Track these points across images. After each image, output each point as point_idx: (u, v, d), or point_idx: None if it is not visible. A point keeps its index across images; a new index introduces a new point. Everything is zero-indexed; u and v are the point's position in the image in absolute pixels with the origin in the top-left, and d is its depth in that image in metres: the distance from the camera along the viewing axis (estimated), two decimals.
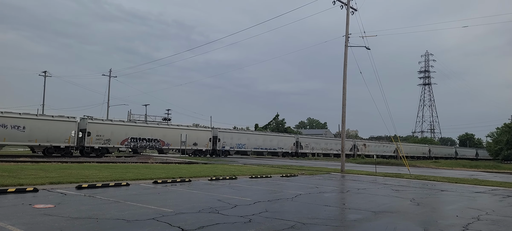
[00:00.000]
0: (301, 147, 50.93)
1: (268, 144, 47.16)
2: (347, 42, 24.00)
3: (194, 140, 38.82)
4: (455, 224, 7.16)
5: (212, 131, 41.53)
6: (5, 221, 5.89)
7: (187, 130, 38.98)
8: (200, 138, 39.44)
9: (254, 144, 45.57)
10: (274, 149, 47.43)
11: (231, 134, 43.72)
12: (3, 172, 12.91)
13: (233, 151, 42.80)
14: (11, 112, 28.92)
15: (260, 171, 19.51)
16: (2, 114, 28.05)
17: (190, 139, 38.13)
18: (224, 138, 41.88)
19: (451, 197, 11.74)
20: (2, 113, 28.30)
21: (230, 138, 42.63)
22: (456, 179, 18.89)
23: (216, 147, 40.82)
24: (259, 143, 46.17)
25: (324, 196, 10.86)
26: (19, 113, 29.05)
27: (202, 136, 39.82)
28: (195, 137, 39.05)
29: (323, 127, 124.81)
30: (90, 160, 24.89)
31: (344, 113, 24.30)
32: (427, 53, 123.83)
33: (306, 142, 52.45)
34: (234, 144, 43.10)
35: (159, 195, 9.61)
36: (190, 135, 38.29)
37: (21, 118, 28.63)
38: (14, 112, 29.08)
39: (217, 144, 40.93)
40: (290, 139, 50.54)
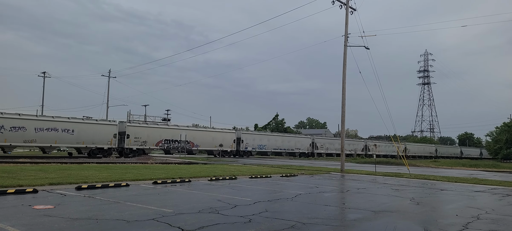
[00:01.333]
0: (316, 148, 53.45)
1: (287, 145, 49.65)
2: (346, 42, 24.01)
3: (220, 142, 41.65)
4: (455, 223, 7.17)
5: (236, 133, 44.80)
6: (4, 222, 5.88)
7: (214, 132, 42.52)
8: (225, 140, 42.36)
9: (274, 145, 48.25)
10: (291, 149, 49.91)
11: (253, 136, 46.69)
12: (3, 173, 12.90)
13: (254, 152, 45.46)
14: (61, 117, 31.65)
15: (260, 171, 19.51)
16: (53, 119, 30.64)
17: (217, 140, 41.40)
18: (247, 139, 44.79)
19: (450, 196, 11.75)
20: (53, 118, 30.96)
21: (252, 139, 45.55)
22: (455, 178, 18.91)
23: (240, 148, 43.64)
24: (278, 144, 48.79)
25: (324, 195, 10.87)
26: (68, 118, 31.85)
27: (227, 137, 42.74)
28: (221, 139, 41.94)
29: (323, 126, 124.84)
30: (90, 160, 24.99)
31: (344, 113, 24.32)
32: (426, 53, 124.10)
33: (321, 142, 55.01)
34: (256, 145, 45.92)
35: (159, 196, 9.60)
36: (217, 137, 41.54)
37: (70, 122, 31.28)
38: (63, 117, 31.78)
39: (240, 145, 43.80)
40: (306, 140, 53.06)
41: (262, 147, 46.76)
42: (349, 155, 55.72)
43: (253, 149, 45.38)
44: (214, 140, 41.11)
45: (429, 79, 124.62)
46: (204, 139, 40.52)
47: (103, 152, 32.74)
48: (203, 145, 40.41)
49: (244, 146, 44.14)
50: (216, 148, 41.16)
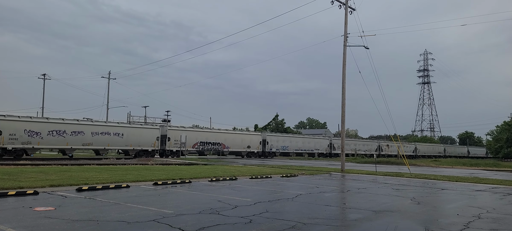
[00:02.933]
0: (334, 148, 56.21)
1: (307, 146, 52.90)
2: (345, 42, 24.01)
3: (248, 143, 44.98)
4: (456, 222, 7.16)
5: (262, 135, 47.89)
6: (5, 224, 5.88)
7: (243, 134, 46.25)
8: (252, 141, 45.61)
9: (295, 146, 51.15)
10: (311, 150, 53.04)
11: (277, 137, 49.89)
12: (3, 175, 12.90)
13: (278, 153, 48.23)
14: (112, 122, 35.53)
15: (260, 171, 19.51)
16: (106, 124, 34.01)
17: (245, 142, 44.78)
18: (271, 141, 47.85)
19: (451, 196, 11.74)
20: (105, 123, 34.74)
21: (276, 141, 48.69)
22: (456, 178, 18.89)
23: (265, 149, 46.55)
24: (299, 145, 51.86)
25: (325, 195, 10.86)
26: (117, 123, 35.53)
27: (254, 139, 46.01)
28: (249, 141, 45.28)
29: (323, 126, 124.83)
30: (90, 162, 25.00)
31: (344, 113, 24.32)
32: (426, 52, 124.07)
33: (338, 143, 57.42)
34: (279, 146, 48.88)
35: (159, 197, 9.60)
36: (245, 139, 45.05)
37: (119, 126, 34.24)
38: (113, 122, 35.58)
39: (265, 146, 46.69)
40: (325, 141, 56.48)
41: (285, 148, 49.53)
42: (363, 155, 58.12)
43: (277, 150, 48.17)
44: (242, 142, 44.42)
45: (429, 79, 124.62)
46: (234, 141, 43.52)
47: (147, 154, 35.08)
48: (233, 147, 43.23)
49: (269, 147, 47.03)
50: (245, 149, 44.29)
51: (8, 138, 27.55)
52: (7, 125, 27.82)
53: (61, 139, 30.18)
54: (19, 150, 28.39)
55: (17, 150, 28.27)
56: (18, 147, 28.20)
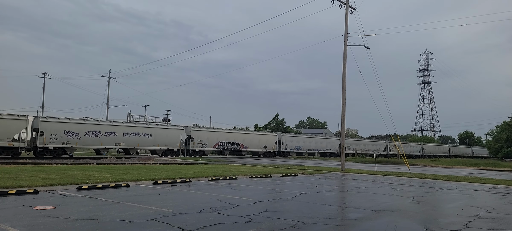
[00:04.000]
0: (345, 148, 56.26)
1: (319, 146, 54.96)
2: (346, 42, 24.01)
3: (264, 143, 47.01)
4: (455, 222, 7.17)
5: (277, 135, 49.98)
6: (6, 223, 5.89)
7: (259, 135, 48.42)
8: (268, 141, 47.73)
9: (309, 146, 53.09)
10: (323, 150, 54.85)
11: (291, 138, 52.15)
12: (3, 174, 12.91)
13: (293, 152, 50.20)
14: (141, 123, 38.05)
15: (260, 171, 19.52)
16: (135, 125, 36.12)
17: (262, 142, 46.83)
18: (286, 141, 49.84)
19: (451, 195, 11.75)
20: (135, 124, 36.84)
21: (290, 141, 50.76)
22: (456, 177, 18.91)
23: (280, 148, 48.57)
24: (312, 145, 53.78)
25: (325, 195, 10.87)
26: (145, 123, 38.27)
27: (270, 140, 48.14)
28: (265, 141, 47.33)
29: (323, 126, 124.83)
30: (90, 161, 25.03)
31: (344, 113, 24.32)
32: (426, 52, 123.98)
33: (349, 143, 59.45)
34: (294, 146, 50.80)
35: (159, 196, 9.61)
36: (262, 139, 47.18)
37: (148, 127, 36.43)
38: (142, 123, 38.05)
39: (281, 146, 48.70)
40: (336, 141, 57.95)
41: (299, 148, 51.45)
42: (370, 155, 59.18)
43: (291, 150, 50.13)
44: (259, 142, 46.53)
45: (429, 79, 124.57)
46: (252, 141, 45.62)
47: (173, 153, 37.15)
48: (250, 147, 45.39)
49: (284, 147, 49.03)
50: (261, 149, 46.38)
51: (50, 138, 29.33)
52: (49, 126, 29.54)
53: (96, 139, 32.19)
54: (59, 150, 30.11)
55: (57, 150, 29.97)
56: (59, 146, 29.99)
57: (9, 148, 27.40)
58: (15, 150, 27.67)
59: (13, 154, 27.55)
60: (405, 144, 71.22)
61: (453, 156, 76.97)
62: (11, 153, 27.49)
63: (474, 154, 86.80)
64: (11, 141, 27.27)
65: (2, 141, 26.83)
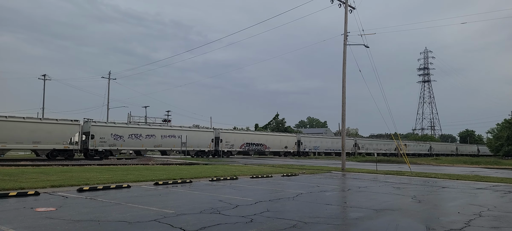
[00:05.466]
0: (358, 148, 60.43)
1: (335, 146, 57.50)
2: (345, 41, 24.00)
3: (285, 144, 49.77)
4: (457, 220, 7.16)
5: (297, 136, 52.94)
6: (7, 225, 5.89)
7: (281, 136, 51.03)
8: (289, 142, 50.46)
9: (325, 146, 55.78)
10: (338, 149, 56.03)
11: (310, 139, 54.70)
12: (4, 176, 12.91)
13: (311, 152, 52.70)
14: (176, 126, 40.40)
15: (261, 171, 19.51)
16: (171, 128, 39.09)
17: (283, 143, 49.43)
18: (305, 142, 52.48)
19: (452, 194, 11.74)
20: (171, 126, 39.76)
21: (309, 142, 53.46)
22: (457, 176, 18.89)
23: (300, 149, 51.18)
24: (328, 145, 56.46)
25: (325, 194, 10.86)
26: (180, 127, 39.97)
27: (290, 140, 50.91)
28: (286, 141, 50.10)
29: (323, 125, 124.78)
30: (90, 162, 25.13)
31: (344, 112, 24.31)
32: (426, 50, 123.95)
33: (362, 143, 62.77)
34: (312, 147, 53.48)
35: (160, 197, 9.61)
36: (283, 140, 49.84)
37: (182, 129, 38.97)
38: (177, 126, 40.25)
39: (300, 147, 51.23)
40: (350, 141, 60.09)
41: (317, 148, 53.95)
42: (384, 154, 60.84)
43: (310, 150, 52.73)
44: (281, 143, 49.30)
45: (429, 77, 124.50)
46: (274, 142, 48.36)
47: (204, 154, 40.13)
48: (273, 147, 48.01)
49: (303, 147, 51.62)
50: (282, 149, 49.07)
51: (99, 141, 32.10)
52: (98, 130, 32.30)
53: (138, 142, 34.85)
54: (106, 151, 32.67)
55: (105, 151, 32.56)
56: (106, 148, 32.64)
57: (65, 150, 29.98)
58: (70, 152, 30.24)
59: (67, 155, 29.98)
60: (415, 143, 74.37)
61: (460, 154, 79.95)
62: (66, 154, 29.96)
63: (480, 152, 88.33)
64: (67, 144, 29.95)
65: (59, 144, 29.56)
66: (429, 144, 77.82)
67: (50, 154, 29.29)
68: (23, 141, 28.11)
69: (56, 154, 29.53)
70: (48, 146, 29.09)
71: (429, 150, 74.83)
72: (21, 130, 28.02)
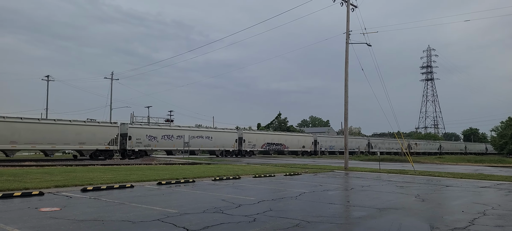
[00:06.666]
0: (371, 147, 63.00)
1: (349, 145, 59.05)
2: (348, 40, 23.94)
3: (303, 144, 52.47)
4: (461, 219, 7.13)
5: (313, 136, 55.28)
6: (12, 225, 5.93)
7: (299, 136, 54.20)
8: (306, 142, 53.28)
9: (340, 145, 56.57)
10: (353, 149, 58.50)
11: (326, 138, 57.53)
12: (9, 176, 13.00)
13: (326, 151, 55.09)
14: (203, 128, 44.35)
15: (264, 170, 19.52)
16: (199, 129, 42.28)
17: (301, 143, 52.24)
18: (321, 141, 55.12)
19: (456, 193, 11.69)
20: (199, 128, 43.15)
21: (324, 141, 56.14)
22: (461, 174, 18.81)
23: (316, 148, 53.76)
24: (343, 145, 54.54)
25: (328, 194, 10.85)
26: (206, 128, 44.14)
27: (307, 140, 53.69)
28: (303, 141, 52.83)
29: (326, 124, 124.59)
30: (94, 162, 25.27)
31: (347, 111, 24.27)
32: (429, 48, 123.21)
33: (375, 142, 65.15)
34: (327, 146, 55.73)
35: (163, 196, 9.64)
36: (301, 140, 52.70)
37: (209, 130, 42.15)
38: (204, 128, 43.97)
39: (316, 146, 53.86)
40: (363, 141, 63.59)
41: (332, 148, 56.22)
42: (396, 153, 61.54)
43: (325, 149, 55.10)
44: (299, 142, 51.72)
45: (432, 75, 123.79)
46: (292, 142, 50.86)
47: (228, 153, 42.36)
48: (291, 147, 50.39)
49: (319, 146, 54.04)
50: (300, 149, 51.60)
51: (135, 142, 34.54)
52: (135, 131, 34.87)
53: (169, 142, 37.22)
54: (142, 151, 35.06)
55: (141, 151, 34.96)
56: (142, 149, 35.02)
57: (106, 151, 32.27)
58: (110, 152, 32.55)
59: (108, 155, 32.19)
60: (425, 142, 76.63)
61: (468, 153, 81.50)
62: (107, 154, 32.18)
63: (488, 150, 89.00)
64: (107, 144, 32.26)
65: (101, 144, 31.94)
66: (439, 143, 79.67)
67: (93, 154, 31.52)
68: (70, 142, 30.42)
69: (99, 154, 31.73)
70: (91, 147, 31.45)
71: (439, 148, 76.61)
72: (68, 132, 30.35)
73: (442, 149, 77.17)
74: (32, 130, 28.61)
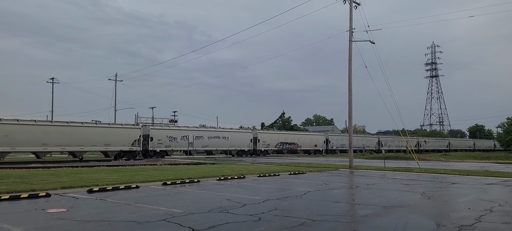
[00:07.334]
0: (381, 145, 63.91)
1: (360, 143, 60.55)
2: (351, 37, 23.86)
3: (315, 143, 53.65)
4: (467, 216, 7.09)
5: (325, 135, 56.79)
6: (19, 226, 5.99)
7: (311, 135, 55.63)
8: (318, 141, 54.32)
9: (355, 144, 55.61)
10: (363, 147, 59.91)
11: (337, 137, 58.62)
12: (16, 178, 13.13)
13: (338, 150, 56.16)
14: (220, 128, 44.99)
15: (268, 169, 19.53)
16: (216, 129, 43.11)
17: (313, 142, 53.36)
18: (333, 140, 56.66)
19: (462, 190, 11.62)
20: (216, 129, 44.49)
21: (336, 140, 57.32)
22: (467, 171, 18.68)
23: (328, 147, 55.11)
24: (355, 143, 56.75)
25: (333, 192, 10.83)
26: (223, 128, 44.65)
27: (319, 139, 54.89)
28: (315, 140, 54.01)
29: (330, 123, 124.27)
30: (100, 164, 25.40)
31: (351, 109, 24.20)
32: (434, 45, 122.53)
33: (384, 140, 66.37)
34: (339, 145, 56.75)
35: (168, 197, 9.68)
36: (313, 139, 53.96)
37: (225, 131, 43.29)
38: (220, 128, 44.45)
39: (328, 145, 55.27)
40: (374, 139, 65.22)
41: (343, 146, 56.76)
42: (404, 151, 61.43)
43: (337, 147, 56.23)
44: (311, 141, 52.94)
45: (437, 72, 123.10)
46: (305, 141, 51.95)
47: (244, 153, 43.70)
48: (304, 146, 51.43)
49: (331, 145, 55.56)
50: (312, 148, 52.51)
51: (157, 143, 35.84)
52: (156, 133, 36.16)
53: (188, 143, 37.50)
54: (163, 152, 36.35)
55: (162, 152, 36.23)
56: (163, 149, 36.30)
57: (130, 151, 33.48)
58: (133, 153, 33.70)
59: (131, 156, 33.26)
60: (434, 140, 77.35)
61: (477, 150, 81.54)
62: (130, 155, 33.33)
63: (497, 147, 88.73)
64: (131, 145, 33.53)
65: (125, 146, 33.22)
66: (448, 140, 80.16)
67: (117, 155, 32.62)
68: (97, 144, 31.65)
69: (123, 155, 32.93)
70: (116, 148, 32.67)
71: (447, 146, 76.98)
72: (95, 134, 31.67)
73: (451, 146, 77.49)
74: (62, 132, 29.86)
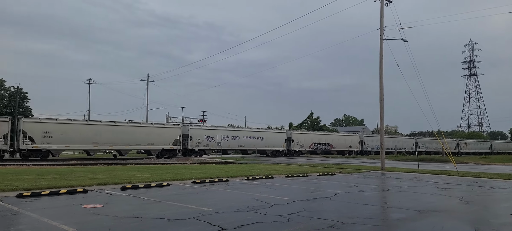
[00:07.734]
0: (418, 146, 61.90)
1: (396, 145, 60.52)
2: (382, 36, 23.14)
3: (349, 143, 53.53)
4: (508, 222, 6.65)
5: (360, 136, 56.80)
6: (58, 221, 6.32)
7: (345, 136, 55.51)
8: (353, 142, 54.27)
9: (387, 145, 55.07)
10: (399, 148, 59.56)
11: (372, 138, 57.70)
12: (56, 175, 13.88)
13: (373, 151, 55.26)
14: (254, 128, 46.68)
15: (297, 170, 19.36)
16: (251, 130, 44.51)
17: (347, 142, 53.21)
18: (367, 141, 55.89)
19: (504, 195, 10.92)
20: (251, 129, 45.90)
21: (371, 141, 56.50)
22: (508, 175, 17.54)
23: (363, 148, 54.78)
24: (390, 144, 57.87)
25: (364, 194, 10.55)
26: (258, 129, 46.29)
27: (354, 140, 54.77)
28: (350, 141, 54.01)
29: (360, 123, 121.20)
30: (132, 162, 26.33)
31: (382, 109, 23.48)
32: (471, 42, 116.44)
33: (422, 142, 64.42)
34: (374, 146, 55.95)
35: (198, 195, 9.84)
36: (347, 139, 53.84)
37: (260, 131, 44.58)
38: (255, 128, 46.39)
39: (363, 146, 54.81)
40: (410, 140, 63.89)
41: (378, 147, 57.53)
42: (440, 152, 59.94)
43: (372, 148, 55.72)
44: (345, 142, 52.93)
45: (475, 70, 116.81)
46: (339, 142, 52.10)
47: (278, 153, 44.08)
48: (338, 146, 51.58)
49: (365, 146, 55.13)
50: (347, 148, 52.53)
51: (196, 142, 37.42)
52: (195, 133, 37.83)
53: (225, 142, 39.48)
54: (201, 151, 37.90)
55: (200, 151, 37.78)
56: (201, 148, 37.84)
57: (171, 150, 35.05)
58: (174, 151, 35.24)
59: (172, 155, 34.81)
60: (475, 142, 74.26)
61: None
62: (171, 154, 34.84)
63: None
64: (172, 144, 35.11)
65: (167, 144, 34.76)
66: (490, 142, 76.38)
67: (159, 153, 34.02)
68: (141, 142, 33.34)
69: (164, 153, 34.31)
70: (158, 147, 34.09)
71: (490, 148, 73.38)
72: (139, 133, 33.33)
73: (494, 149, 73.35)
74: (110, 131, 31.63)
